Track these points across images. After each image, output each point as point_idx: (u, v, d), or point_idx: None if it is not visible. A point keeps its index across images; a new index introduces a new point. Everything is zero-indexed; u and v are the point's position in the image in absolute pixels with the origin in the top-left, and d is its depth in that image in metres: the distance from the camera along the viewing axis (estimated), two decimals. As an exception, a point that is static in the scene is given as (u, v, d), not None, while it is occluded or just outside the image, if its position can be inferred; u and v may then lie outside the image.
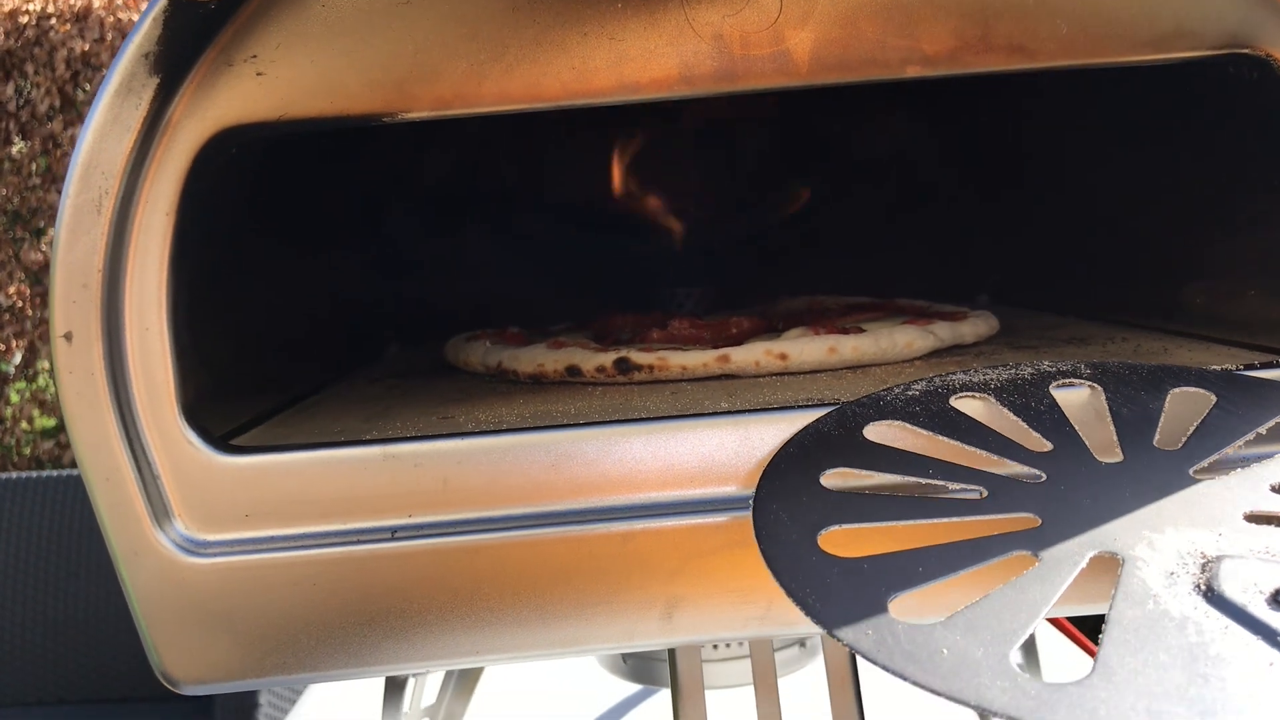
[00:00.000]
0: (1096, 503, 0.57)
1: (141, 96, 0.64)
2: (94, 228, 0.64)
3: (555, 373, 0.87)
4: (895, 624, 0.49)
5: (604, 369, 0.85)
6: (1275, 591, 0.49)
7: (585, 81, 0.66)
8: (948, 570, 0.53)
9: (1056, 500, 0.58)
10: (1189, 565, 0.51)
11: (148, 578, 0.66)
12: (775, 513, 0.58)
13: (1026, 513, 0.57)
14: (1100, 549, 0.53)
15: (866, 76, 0.67)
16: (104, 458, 0.65)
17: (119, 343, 0.66)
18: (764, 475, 0.61)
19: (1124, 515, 0.55)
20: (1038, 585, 0.51)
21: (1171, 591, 0.50)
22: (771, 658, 0.81)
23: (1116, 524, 0.55)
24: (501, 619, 0.66)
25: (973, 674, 0.46)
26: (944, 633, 0.48)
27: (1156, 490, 0.58)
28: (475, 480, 0.67)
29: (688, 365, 0.84)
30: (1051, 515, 0.56)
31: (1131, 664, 0.45)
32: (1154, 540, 0.53)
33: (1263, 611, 0.48)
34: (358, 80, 0.66)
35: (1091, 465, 0.61)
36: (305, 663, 0.66)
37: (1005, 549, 0.54)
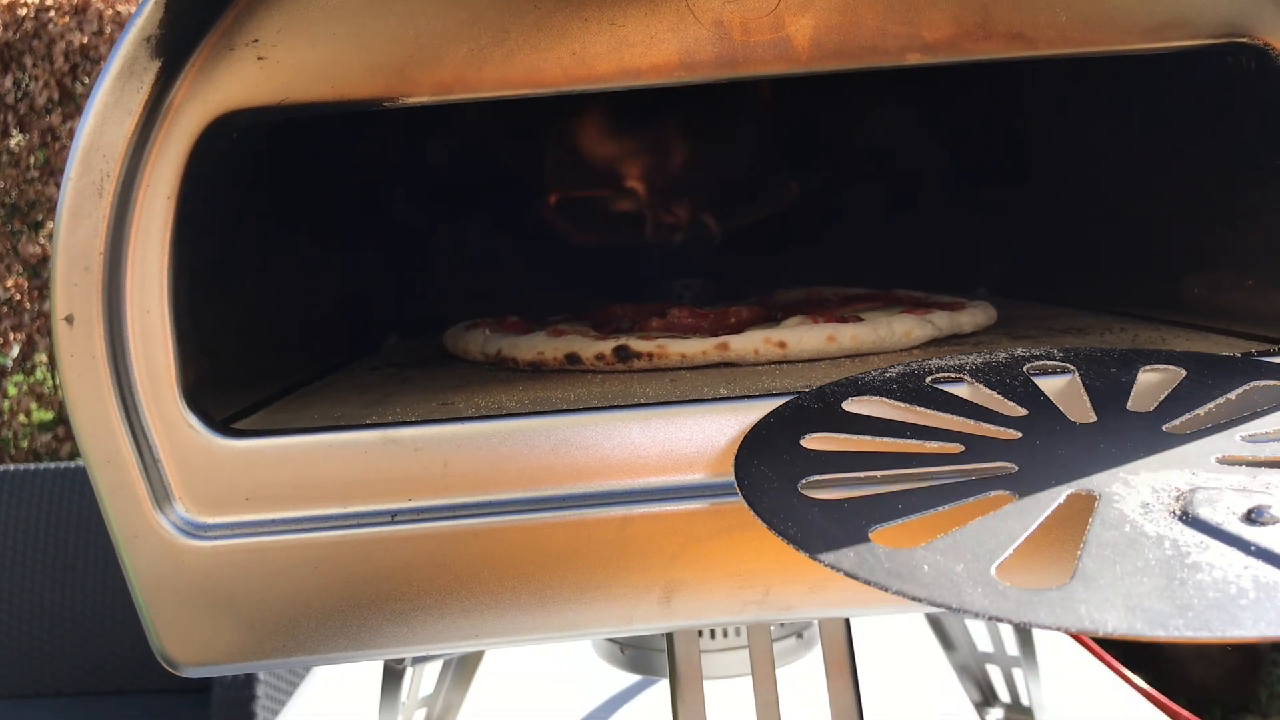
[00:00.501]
0: (1072, 454, 0.58)
1: (143, 80, 0.64)
2: (95, 211, 0.64)
3: (555, 360, 0.88)
4: (876, 549, 0.51)
5: (603, 356, 0.85)
6: (1249, 511, 0.50)
7: (586, 67, 0.66)
8: (927, 507, 0.54)
9: (1033, 453, 0.59)
10: (1163, 498, 0.53)
11: (148, 560, 0.66)
12: (756, 467, 0.59)
13: (1004, 462, 0.58)
14: (1077, 488, 0.54)
15: (866, 63, 0.67)
16: (104, 440, 0.65)
17: (120, 326, 0.66)
18: (744, 440, 0.63)
19: (1099, 462, 0.57)
20: (1016, 517, 0.52)
21: (1148, 518, 0.51)
22: (769, 645, 0.81)
23: (1091, 469, 0.56)
24: (500, 602, 0.66)
25: (953, 583, 0.47)
26: (925, 554, 0.50)
27: (1130, 443, 0.59)
28: (475, 465, 0.67)
29: (687, 353, 0.84)
30: (1028, 464, 0.58)
31: (1111, 573, 0.46)
32: (1129, 480, 0.55)
33: (1237, 528, 0.49)
34: (359, 65, 0.66)
35: (1066, 425, 0.63)
36: (305, 645, 0.67)
37: (984, 489, 0.55)
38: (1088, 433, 0.62)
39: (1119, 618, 0.43)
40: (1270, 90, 0.69)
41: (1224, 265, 0.84)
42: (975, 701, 1.29)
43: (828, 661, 0.79)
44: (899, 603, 0.65)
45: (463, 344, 0.99)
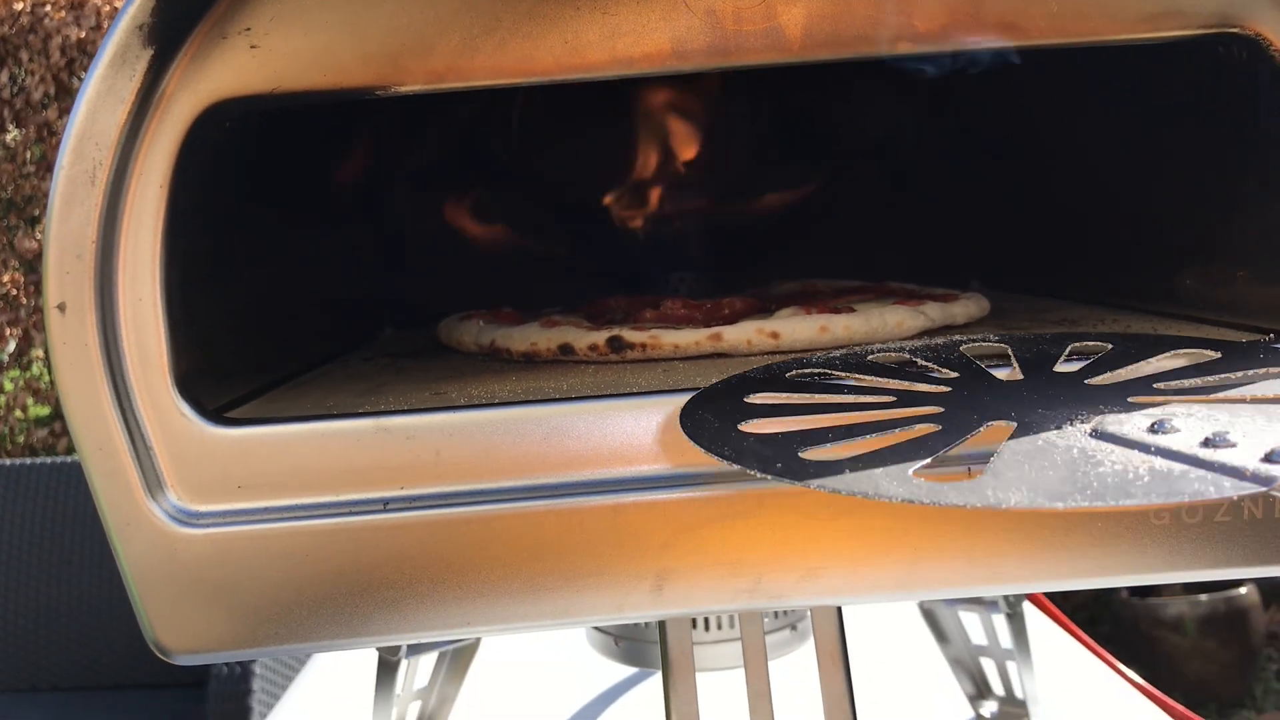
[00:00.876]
0: (996, 400, 0.63)
1: (135, 68, 0.64)
2: (88, 199, 0.64)
3: (548, 351, 0.88)
4: (805, 459, 0.55)
5: (597, 347, 0.86)
6: (1152, 424, 0.54)
7: (578, 55, 0.67)
8: (856, 435, 0.58)
9: (959, 400, 0.64)
10: (1077, 423, 0.57)
11: (141, 548, 0.66)
12: (700, 414, 0.63)
13: (932, 407, 0.62)
14: (997, 418, 0.58)
15: (858, 53, 0.67)
16: (97, 429, 0.66)
17: (112, 314, 0.66)
18: (691, 399, 0.66)
19: (1021, 404, 0.61)
20: (940, 438, 0.57)
21: (1060, 435, 0.55)
22: (762, 634, 0.81)
23: (1012, 408, 0.60)
24: (492, 590, 0.67)
25: (872, 479, 0.51)
26: (849, 461, 0.54)
27: (1051, 392, 0.63)
28: (467, 453, 0.67)
29: (680, 344, 0.85)
30: (954, 407, 0.62)
31: (1020, 470, 0.51)
32: (1046, 413, 0.59)
33: (1141, 436, 0.53)
34: (351, 53, 0.66)
35: (994, 382, 0.67)
36: (297, 633, 0.67)
37: (910, 423, 0.59)
38: (1014, 386, 0.66)
39: (1022, 496, 0.48)
40: (1261, 81, 0.69)
41: (1217, 257, 0.84)
42: (969, 694, 1.29)
43: (820, 651, 0.79)
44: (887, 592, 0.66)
45: (457, 335, 0.99)
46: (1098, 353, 0.70)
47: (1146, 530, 0.67)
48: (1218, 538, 0.67)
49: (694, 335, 0.85)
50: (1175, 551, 0.67)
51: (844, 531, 0.66)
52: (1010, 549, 0.67)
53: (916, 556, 0.67)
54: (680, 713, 0.79)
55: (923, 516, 0.66)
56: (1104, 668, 1.42)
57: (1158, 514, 0.67)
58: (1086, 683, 1.38)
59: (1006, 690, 1.27)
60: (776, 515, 0.66)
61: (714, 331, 0.85)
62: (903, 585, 0.67)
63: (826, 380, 0.69)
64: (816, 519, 0.66)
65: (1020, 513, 0.65)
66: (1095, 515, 0.66)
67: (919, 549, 0.66)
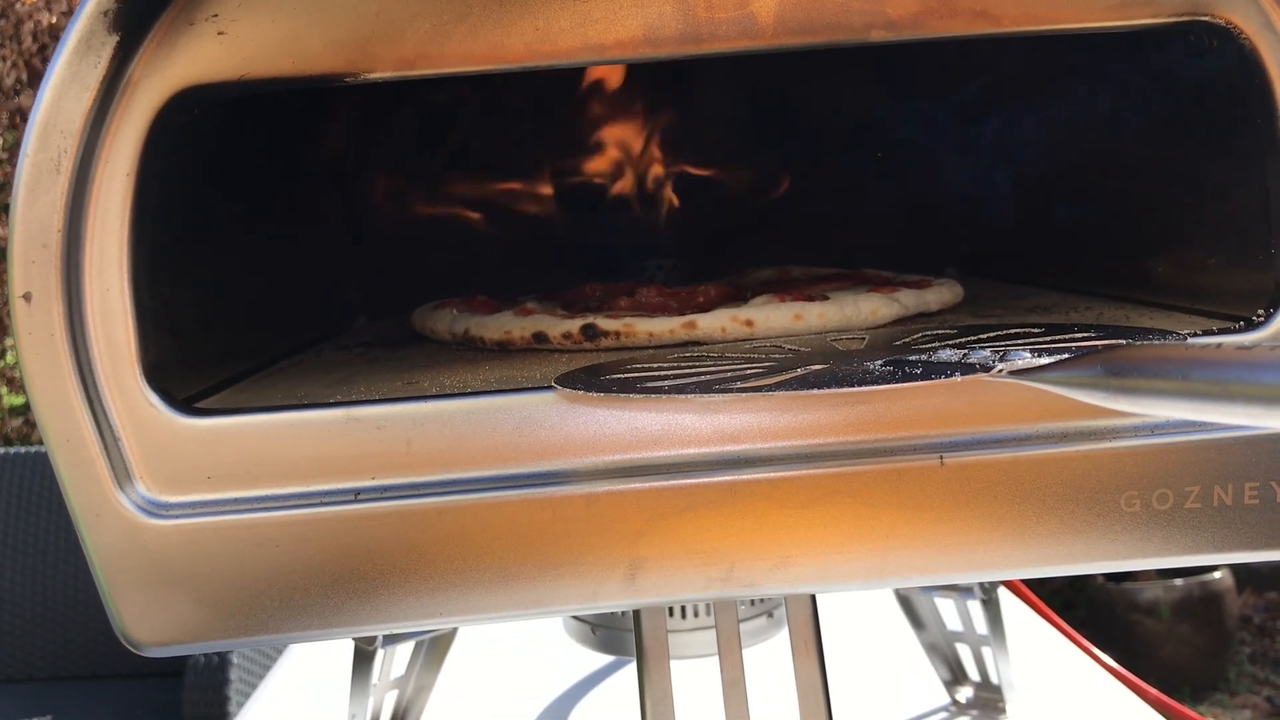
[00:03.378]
0: (838, 362, 0.69)
1: (100, 55, 0.63)
2: (53, 187, 0.64)
3: (522, 339, 0.87)
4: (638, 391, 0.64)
5: (571, 335, 0.85)
6: (958, 352, 0.64)
7: (549, 42, 0.66)
8: (691, 377, 0.67)
9: (810, 358, 0.71)
10: (909, 356, 0.66)
11: (109, 539, 0.66)
12: (572, 374, 0.70)
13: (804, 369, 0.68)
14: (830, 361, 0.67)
15: (831, 40, 0.67)
16: (64, 419, 0.65)
17: (79, 303, 0.65)
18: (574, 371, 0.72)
19: (858, 359, 0.68)
20: (756, 375, 0.66)
21: (846, 366, 0.65)
22: (736, 622, 0.81)
23: (849, 360, 0.68)
24: (465, 580, 0.66)
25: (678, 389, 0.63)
26: (673, 386, 0.63)
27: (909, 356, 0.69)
28: (438, 443, 0.67)
29: (654, 332, 0.84)
30: (803, 364, 0.69)
31: (798, 379, 0.62)
32: (867, 363, 0.66)
33: (927, 357, 0.64)
34: (320, 40, 0.66)
35: (844, 354, 0.74)
36: (268, 624, 0.66)
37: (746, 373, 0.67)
38: (858, 354, 0.72)
39: (786, 386, 0.61)
40: (1232, 69, 0.69)
41: (1189, 244, 0.84)
42: (945, 680, 1.30)
43: (794, 639, 0.80)
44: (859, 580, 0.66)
45: (430, 323, 0.98)
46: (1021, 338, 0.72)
47: (1118, 517, 0.67)
48: (1188, 525, 0.68)
49: (668, 323, 0.85)
50: (1145, 539, 0.68)
51: (815, 520, 0.66)
52: (982, 536, 0.67)
53: (888, 545, 0.67)
54: (655, 700, 0.79)
55: (894, 505, 0.66)
56: (1079, 653, 1.43)
57: (1128, 500, 0.67)
58: (1062, 668, 1.39)
59: (982, 676, 1.27)
60: (748, 504, 0.66)
61: (688, 320, 0.85)
62: (875, 573, 0.67)
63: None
64: (788, 508, 0.66)
65: (988, 502, 0.66)
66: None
67: (891, 537, 0.67)
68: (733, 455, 0.67)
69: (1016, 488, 0.67)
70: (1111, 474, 0.67)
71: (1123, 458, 0.67)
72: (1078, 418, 0.68)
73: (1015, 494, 0.67)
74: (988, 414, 0.67)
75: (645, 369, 0.72)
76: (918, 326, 0.86)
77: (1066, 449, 0.67)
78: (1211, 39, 0.69)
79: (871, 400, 0.66)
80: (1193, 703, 3.80)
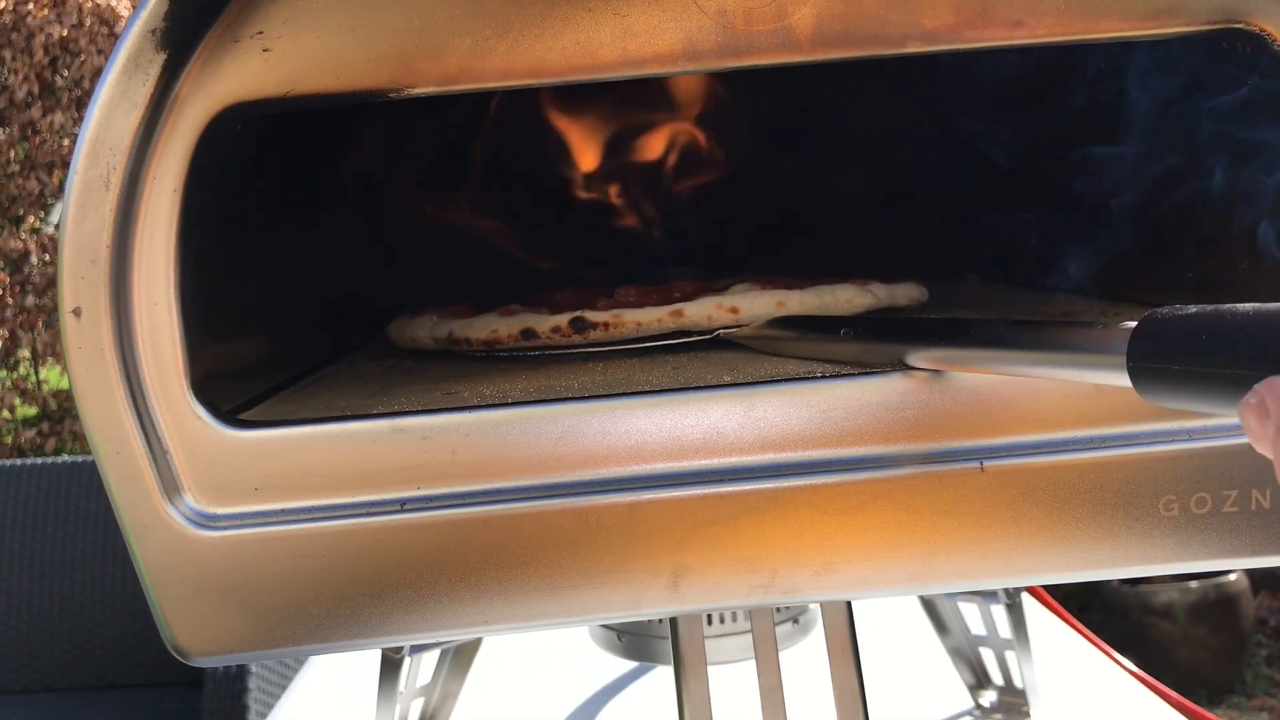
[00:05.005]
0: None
1: (149, 73, 0.64)
2: (102, 204, 0.64)
3: (510, 338, 0.87)
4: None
5: (560, 329, 0.85)
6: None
7: (590, 56, 0.67)
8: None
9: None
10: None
11: (158, 551, 0.67)
12: None
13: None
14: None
15: (868, 52, 0.68)
16: (114, 432, 0.66)
17: (127, 318, 0.66)
18: None
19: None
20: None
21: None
22: (772, 628, 0.82)
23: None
24: (509, 589, 0.67)
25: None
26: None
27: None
28: (483, 453, 0.68)
29: (643, 321, 0.85)
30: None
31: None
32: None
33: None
34: (363, 56, 0.66)
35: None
36: (315, 634, 0.67)
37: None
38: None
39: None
40: (1265, 76, 0.70)
41: (1219, 250, 0.85)
42: (968, 684, 1.30)
43: (830, 645, 0.80)
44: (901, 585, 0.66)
45: (410, 331, 0.97)
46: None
47: (1155, 522, 0.68)
48: (1226, 529, 0.68)
49: (656, 313, 0.85)
50: (1184, 543, 0.68)
51: (858, 527, 0.67)
52: (1021, 541, 0.68)
53: (929, 550, 0.67)
54: (693, 707, 0.79)
55: (935, 511, 0.67)
56: (1101, 657, 1.43)
57: (1166, 505, 0.68)
58: (1084, 672, 1.39)
59: (1006, 680, 1.28)
60: (791, 511, 0.67)
61: (675, 308, 0.85)
62: (916, 579, 0.68)
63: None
64: (830, 514, 0.67)
65: (1028, 508, 0.67)
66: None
67: (932, 543, 0.67)
68: (774, 463, 0.68)
69: (1056, 493, 0.67)
70: (1149, 478, 0.68)
71: (1160, 462, 0.68)
72: (1115, 423, 0.68)
73: (1054, 499, 0.67)
74: (1027, 420, 0.68)
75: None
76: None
77: (1104, 454, 0.68)
78: (1245, 46, 0.69)
79: (913, 406, 0.67)
80: (1209, 705, 3.79)
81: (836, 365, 0.73)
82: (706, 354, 0.85)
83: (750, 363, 0.79)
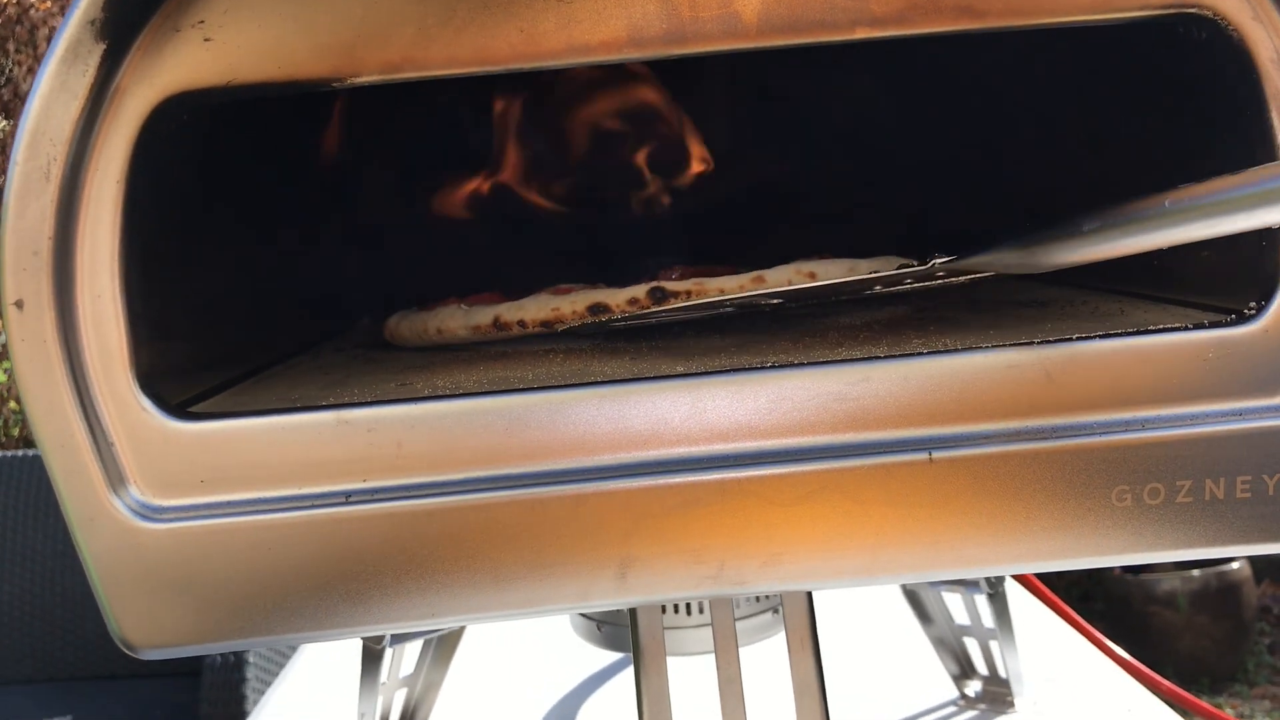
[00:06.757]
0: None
1: (88, 63, 0.64)
2: (43, 194, 0.64)
3: (575, 315, 0.86)
4: None
5: (637, 300, 0.84)
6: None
7: (534, 44, 0.66)
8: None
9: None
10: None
11: (104, 544, 0.66)
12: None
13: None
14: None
15: (815, 38, 0.67)
16: (58, 425, 0.65)
17: (71, 310, 0.66)
18: None
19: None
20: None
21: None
22: (732, 619, 0.81)
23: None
24: (456, 581, 0.67)
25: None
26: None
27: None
28: (429, 445, 0.67)
29: (725, 288, 0.84)
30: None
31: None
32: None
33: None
34: (306, 45, 0.66)
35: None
36: (262, 626, 0.67)
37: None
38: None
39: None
40: (1220, 61, 0.69)
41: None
42: (953, 674, 1.30)
43: (790, 635, 0.80)
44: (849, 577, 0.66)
45: (435, 324, 0.93)
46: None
47: (1108, 512, 0.67)
48: (1180, 519, 0.67)
49: (737, 280, 0.84)
50: (1137, 533, 0.67)
51: (804, 517, 0.66)
52: (972, 532, 0.67)
53: (878, 541, 0.67)
54: (651, 697, 0.79)
55: (883, 502, 0.66)
56: (1090, 646, 1.43)
57: (1119, 495, 0.67)
58: (1071, 660, 1.38)
59: (990, 669, 1.27)
60: (737, 502, 0.66)
61: (756, 275, 0.84)
62: (865, 570, 0.67)
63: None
64: (778, 505, 0.66)
65: (978, 498, 0.66)
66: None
67: (880, 534, 0.67)
68: (721, 454, 0.67)
69: (1006, 483, 0.67)
70: (1102, 469, 0.67)
71: (1113, 452, 0.67)
72: (1067, 413, 0.67)
73: (1005, 489, 0.67)
74: (976, 410, 0.67)
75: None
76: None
77: (1056, 444, 0.67)
78: (1200, 31, 0.68)
79: (860, 397, 0.66)
80: (1211, 694, 3.79)
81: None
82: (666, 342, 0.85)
83: (703, 354, 0.79)
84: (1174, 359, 0.68)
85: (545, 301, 0.88)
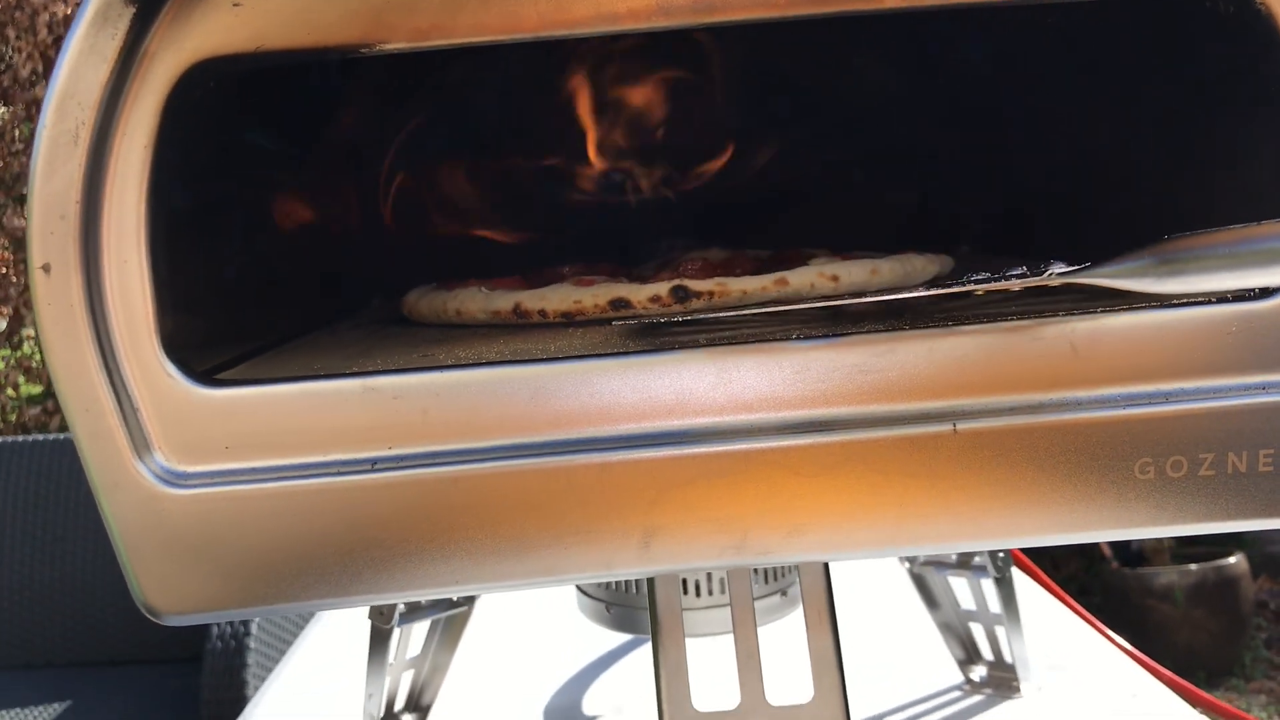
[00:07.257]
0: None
1: (118, 27, 0.64)
2: (71, 159, 0.64)
3: (596, 308, 0.85)
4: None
5: (659, 299, 0.84)
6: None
7: (563, 12, 0.66)
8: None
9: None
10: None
11: (128, 509, 0.66)
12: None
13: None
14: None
15: (844, 8, 0.67)
16: (83, 389, 0.65)
17: (97, 275, 0.66)
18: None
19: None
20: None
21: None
22: (750, 591, 0.81)
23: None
24: (480, 548, 0.67)
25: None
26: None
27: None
28: (454, 413, 0.67)
29: (748, 290, 0.84)
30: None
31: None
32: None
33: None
34: (334, 11, 0.66)
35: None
36: (286, 592, 0.67)
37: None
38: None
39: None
40: (1248, 34, 0.69)
41: (1204, 216, 0.84)
42: (958, 659, 1.30)
43: (807, 609, 0.80)
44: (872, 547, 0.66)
45: (455, 305, 0.93)
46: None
47: (1131, 485, 0.67)
48: (1202, 492, 0.68)
49: (760, 281, 0.84)
50: (1159, 506, 0.68)
51: (829, 488, 0.66)
52: (994, 504, 0.67)
53: (901, 512, 0.67)
54: (669, 670, 0.79)
55: (907, 473, 0.67)
56: (1092, 633, 1.43)
57: (1142, 468, 0.67)
58: (1075, 647, 1.39)
59: (995, 655, 1.27)
60: (762, 472, 0.67)
61: (779, 276, 0.84)
62: (888, 541, 0.68)
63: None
64: (802, 475, 0.66)
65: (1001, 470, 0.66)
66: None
67: (903, 505, 0.67)
68: (746, 424, 0.67)
69: (1029, 455, 0.67)
70: (1125, 441, 0.67)
71: (1136, 425, 0.67)
72: (1090, 385, 0.68)
73: (1028, 461, 0.67)
74: (1000, 382, 0.67)
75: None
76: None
77: (1079, 416, 0.67)
78: (1228, 5, 0.69)
79: (885, 368, 0.67)
80: (1208, 688, 3.79)
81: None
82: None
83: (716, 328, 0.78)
84: (1197, 333, 0.68)
85: (568, 293, 0.88)
